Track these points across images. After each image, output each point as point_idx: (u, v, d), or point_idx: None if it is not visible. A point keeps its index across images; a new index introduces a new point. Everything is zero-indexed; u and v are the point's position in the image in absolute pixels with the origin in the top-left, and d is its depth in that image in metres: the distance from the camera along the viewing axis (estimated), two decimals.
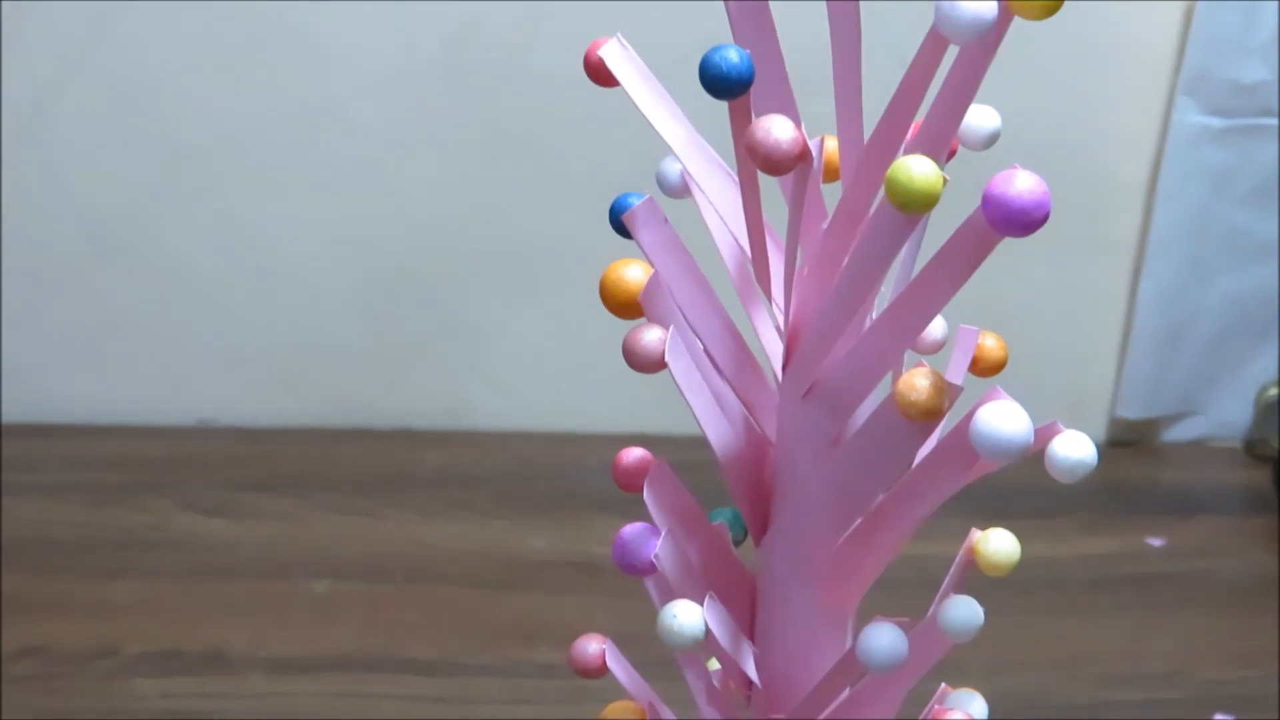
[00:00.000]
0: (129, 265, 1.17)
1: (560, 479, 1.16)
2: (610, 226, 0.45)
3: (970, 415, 0.40)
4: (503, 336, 1.19)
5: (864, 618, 0.48)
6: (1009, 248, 0.42)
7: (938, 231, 0.42)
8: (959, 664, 0.51)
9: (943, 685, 0.50)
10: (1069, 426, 0.43)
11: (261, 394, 1.21)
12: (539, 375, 1.21)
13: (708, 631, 0.44)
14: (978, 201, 0.38)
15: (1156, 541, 1.10)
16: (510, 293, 1.17)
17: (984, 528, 0.48)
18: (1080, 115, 1.10)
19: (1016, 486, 1.10)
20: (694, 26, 1.04)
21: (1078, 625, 1.02)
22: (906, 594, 0.70)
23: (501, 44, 1.09)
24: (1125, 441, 1.22)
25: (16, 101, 1.11)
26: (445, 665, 0.98)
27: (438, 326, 1.19)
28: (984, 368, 0.50)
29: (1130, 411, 1.19)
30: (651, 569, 0.45)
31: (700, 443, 0.47)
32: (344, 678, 0.97)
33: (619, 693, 0.52)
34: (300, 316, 1.19)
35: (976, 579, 0.46)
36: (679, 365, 0.43)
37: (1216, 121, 1.08)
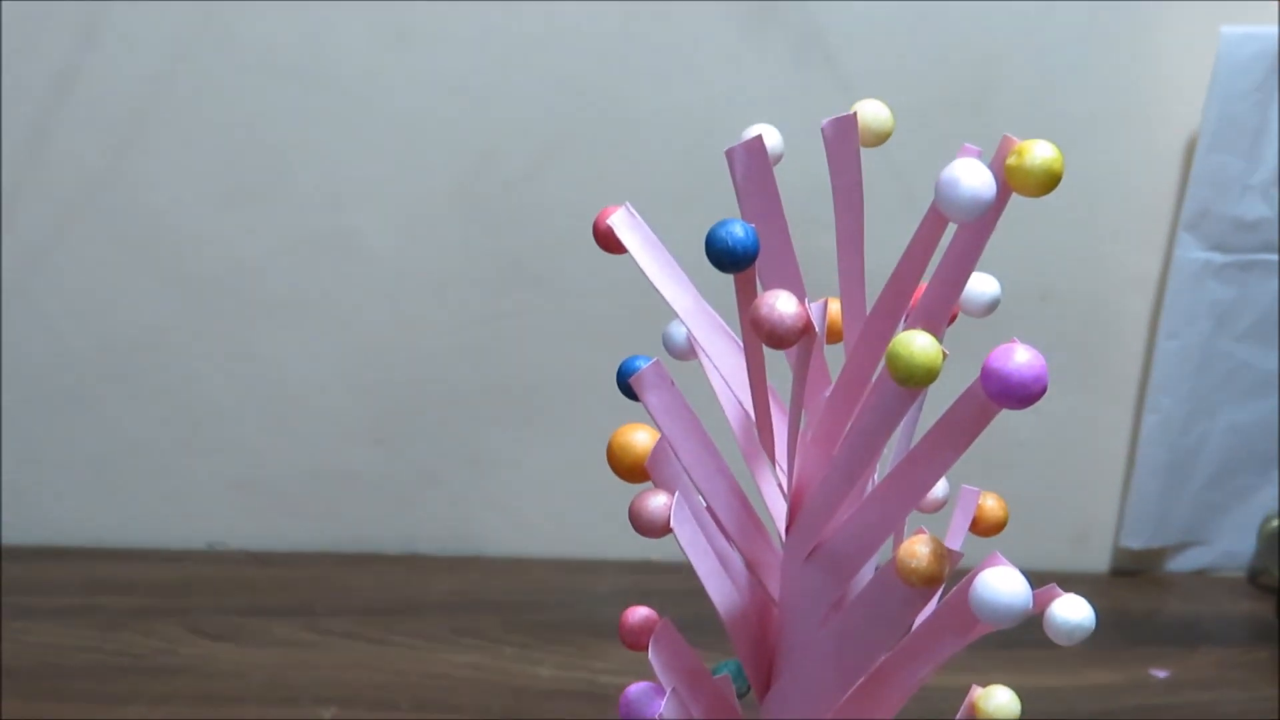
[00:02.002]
0: (140, 391, 1.18)
1: (569, 606, 1.16)
2: (618, 389, 0.46)
3: (970, 580, 0.41)
4: (512, 464, 1.20)
5: None
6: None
7: (940, 384, 0.43)
8: None
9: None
10: (1074, 556, 0.44)
11: (271, 519, 1.22)
12: (548, 502, 1.22)
13: None
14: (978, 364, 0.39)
15: (1161, 673, 1.10)
16: (520, 422, 1.18)
17: (990, 657, 0.48)
18: (1083, 252, 1.12)
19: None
20: (701, 171, 1.07)
21: None
22: None
23: (516, 178, 1.10)
24: (1130, 571, 1.22)
25: (32, 228, 1.13)
26: None
27: (447, 454, 1.20)
28: (985, 528, 0.51)
29: (1135, 542, 1.19)
30: None
31: None
32: None
33: None
34: (310, 443, 1.20)
35: None
36: (684, 531, 0.44)
37: (1218, 257, 1.09)
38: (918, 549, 0.41)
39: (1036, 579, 1.20)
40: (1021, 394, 0.39)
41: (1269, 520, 1.19)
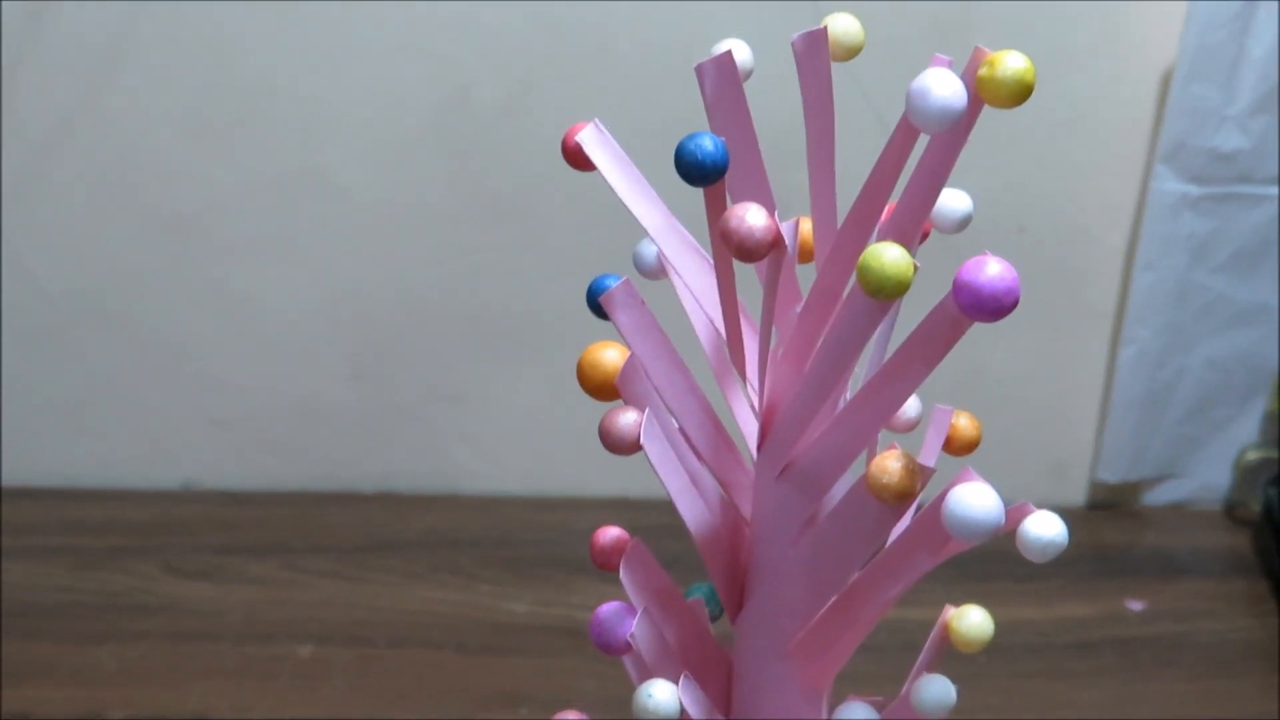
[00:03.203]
0: (114, 330, 1.17)
1: (545, 543, 1.16)
2: (588, 308, 0.46)
3: (942, 497, 0.41)
4: (488, 401, 1.20)
5: (843, 685, 0.49)
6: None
7: (913, 308, 0.43)
8: None
9: None
10: (1050, 490, 0.44)
11: (247, 457, 1.22)
12: (524, 439, 1.21)
13: (682, 710, 0.45)
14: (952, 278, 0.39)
15: (1137, 605, 1.10)
16: (497, 359, 1.18)
17: (966, 591, 0.48)
18: (1059, 184, 1.11)
19: (998, 550, 1.10)
20: (678, 100, 1.06)
21: (1059, 689, 1.03)
22: (888, 659, 0.71)
23: (490, 111, 1.09)
24: (1106, 505, 1.22)
25: (4, 169, 1.12)
26: None
27: (423, 391, 1.19)
28: (958, 447, 0.51)
29: (1111, 475, 1.19)
30: (627, 648, 0.45)
31: None
32: None
33: None
34: (286, 381, 1.19)
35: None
36: (654, 448, 0.44)
37: (1195, 189, 1.09)
38: (889, 464, 0.41)
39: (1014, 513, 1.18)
40: (993, 306, 0.38)
41: (1245, 453, 1.19)
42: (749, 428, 0.47)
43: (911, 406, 0.51)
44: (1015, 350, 1.16)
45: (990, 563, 1.02)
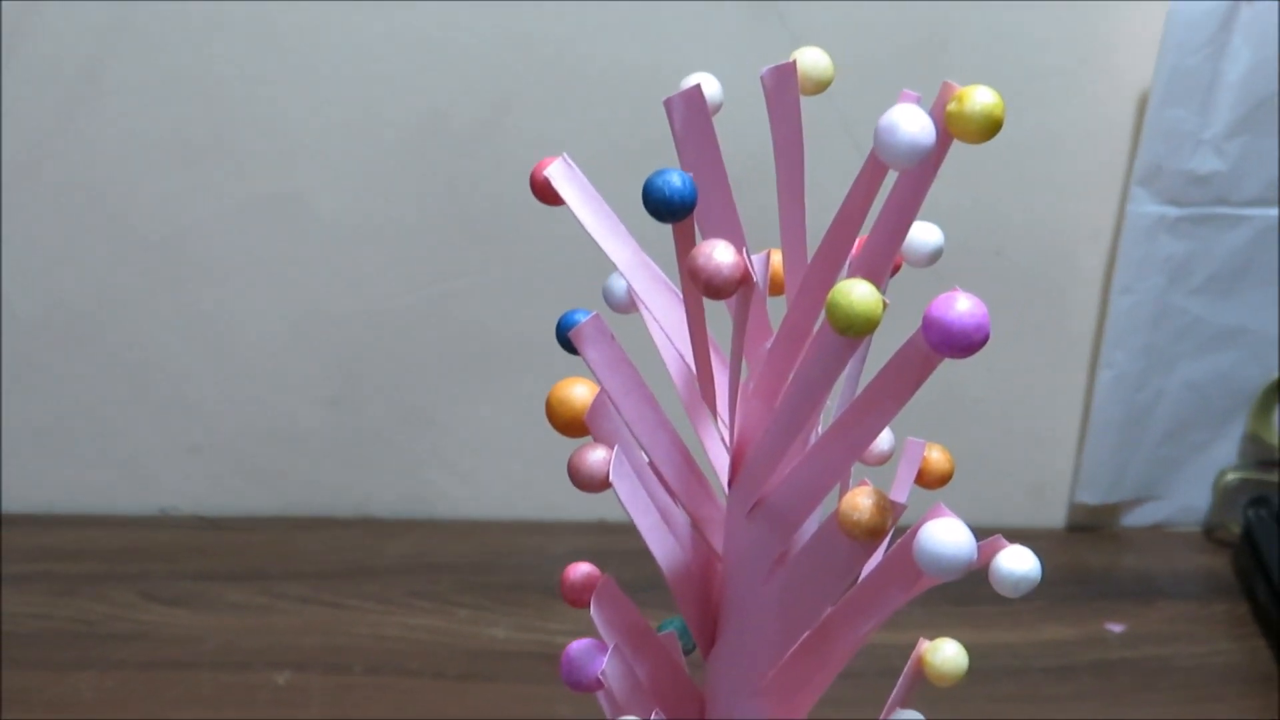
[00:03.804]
0: (89, 355, 1.17)
1: (523, 568, 1.16)
2: (558, 342, 0.46)
3: (914, 532, 0.41)
4: (465, 425, 1.19)
5: (820, 709, 0.49)
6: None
7: (887, 339, 0.42)
8: None
9: None
10: (1030, 512, 0.44)
11: (223, 483, 1.21)
12: (501, 463, 1.21)
13: None
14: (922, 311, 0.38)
15: (1116, 627, 1.10)
16: (472, 382, 1.18)
17: (945, 613, 0.48)
18: (1036, 207, 1.11)
19: (977, 572, 1.11)
20: (651, 123, 1.06)
21: (1040, 712, 1.02)
22: (865, 683, 0.70)
23: (465, 134, 1.09)
24: (1086, 527, 1.22)
25: None
26: None
27: (400, 415, 1.19)
28: (930, 480, 0.51)
29: (1090, 497, 1.19)
30: (599, 685, 0.45)
31: None
32: None
33: None
34: (262, 406, 1.19)
35: None
36: (624, 486, 0.43)
37: (1172, 211, 1.09)
38: (860, 501, 0.41)
39: (991, 535, 1.20)
40: (963, 343, 0.38)
41: (1224, 474, 1.19)
42: (720, 464, 0.47)
43: (884, 440, 0.51)
44: (994, 372, 1.16)
45: (969, 585, 1.02)
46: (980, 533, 0.46)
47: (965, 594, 0.98)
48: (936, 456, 0.50)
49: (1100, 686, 1.05)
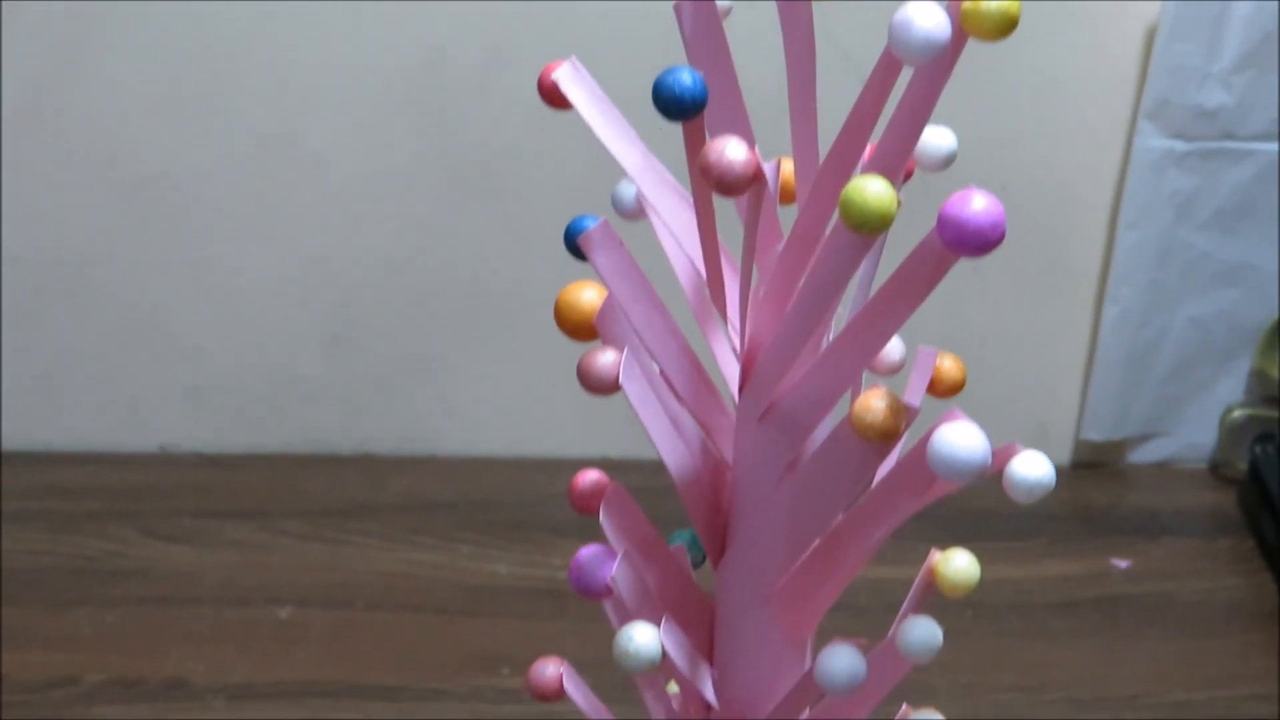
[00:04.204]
0: (90, 297, 1.16)
1: (523, 505, 1.15)
2: (566, 249, 0.45)
3: (927, 437, 0.40)
4: (465, 365, 1.19)
5: (824, 641, 0.48)
6: (974, 275, 0.42)
7: (896, 255, 0.42)
8: (925, 687, 0.51)
9: (904, 706, 0.50)
10: (1034, 449, 0.43)
11: (223, 422, 1.21)
12: (501, 403, 1.20)
13: (664, 654, 0.44)
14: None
15: (1122, 563, 1.10)
16: (472, 322, 1.17)
17: (953, 546, 0.48)
18: (1042, 143, 1.10)
19: (982, 509, 1.11)
20: (654, 61, 1.05)
21: (1044, 648, 1.02)
22: (870, 619, 0.69)
23: (464, 75, 1.08)
24: (1091, 464, 1.21)
25: None
26: (408, 691, 0.98)
27: (399, 355, 1.18)
28: (942, 389, 0.50)
29: (1096, 434, 1.19)
30: (608, 592, 0.44)
31: (664, 467, 0.47)
32: (306, 704, 0.97)
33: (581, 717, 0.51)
34: (262, 345, 1.18)
35: (942, 602, 0.46)
36: (634, 388, 0.43)
37: (1179, 145, 1.08)
38: (874, 403, 0.40)
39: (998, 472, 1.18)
40: (978, 241, 0.38)
41: (1230, 411, 1.18)
42: (730, 370, 0.46)
43: (895, 350, 0.50)
44: (999, 310, 1.16)
45: (974, 521, 1.02)
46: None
47: (970, 530, 0.97)
48: (949, 365, 0.50)
49: (1105, 621, 1.05)
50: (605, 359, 0.43)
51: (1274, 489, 1.10)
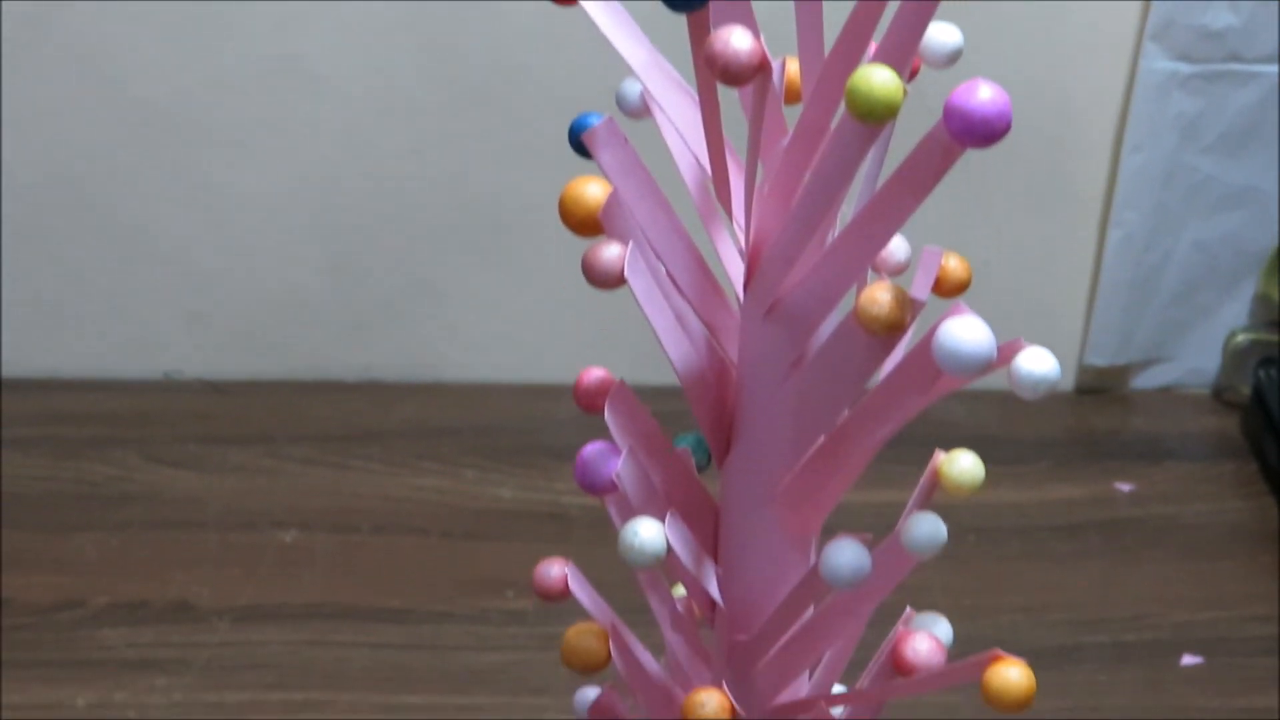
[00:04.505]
0: (92, 222, 1.16)
1: (528, 431, 1.15)
2: (571, 148, 0.45)
3: (933, 331, 0.40)
4: (470, 291, 1.18)
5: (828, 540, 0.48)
6: (978, 199, 0.42)
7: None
8: (928, 607, 0.51)
9: (908, 609, 0.50)
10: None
11: (227, 348, 1.20)
12: (506, 329, 1.20)
13: (669, 549, 0.44)
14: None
15: (1125, 487, 1.10)
16: (476, 247, 1.17)
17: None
18: (1047, 65, 1.10)
19: (985, 434, 1.11)
20: None
21: (1046, 570, 1.03)
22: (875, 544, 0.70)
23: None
24: (1094, 389, 1.21)
25: None
26: (413, 614, 0.99)
27: (405, 281, 1.18)
28: (948, 289, 0.50)
29: (1099, 359, 1.19)
30: (612, 488, 0.44)
31: (669, 394, 0.47)
32: (312, 626, 0.97)
33: None
34: (266, 271, 1.18)
35: (947, 522, 0.46)
36: (639, 282, 0.43)
37: (1184, 67, 1.08)
38: (879, 295, 0.40)
39: (1000, 398, 1.20)
40: (984, 132, 0.37)
41: (1234, 336, 1.18)
42: (735, 269, 0.46)
43: (900, 250, 0.50)
44: (1003, 234, 1.15)
45: (977, 446, 1.02)
46: (991, 396, 0.45)
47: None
48: (954, 264, 0.50)
49: (1108, 544, 1.05)
50: (610, 251, 0.42)
51: (1277, 412, 1.10)
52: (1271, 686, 0.95)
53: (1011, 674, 0.44)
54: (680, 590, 0.52)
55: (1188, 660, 0.96)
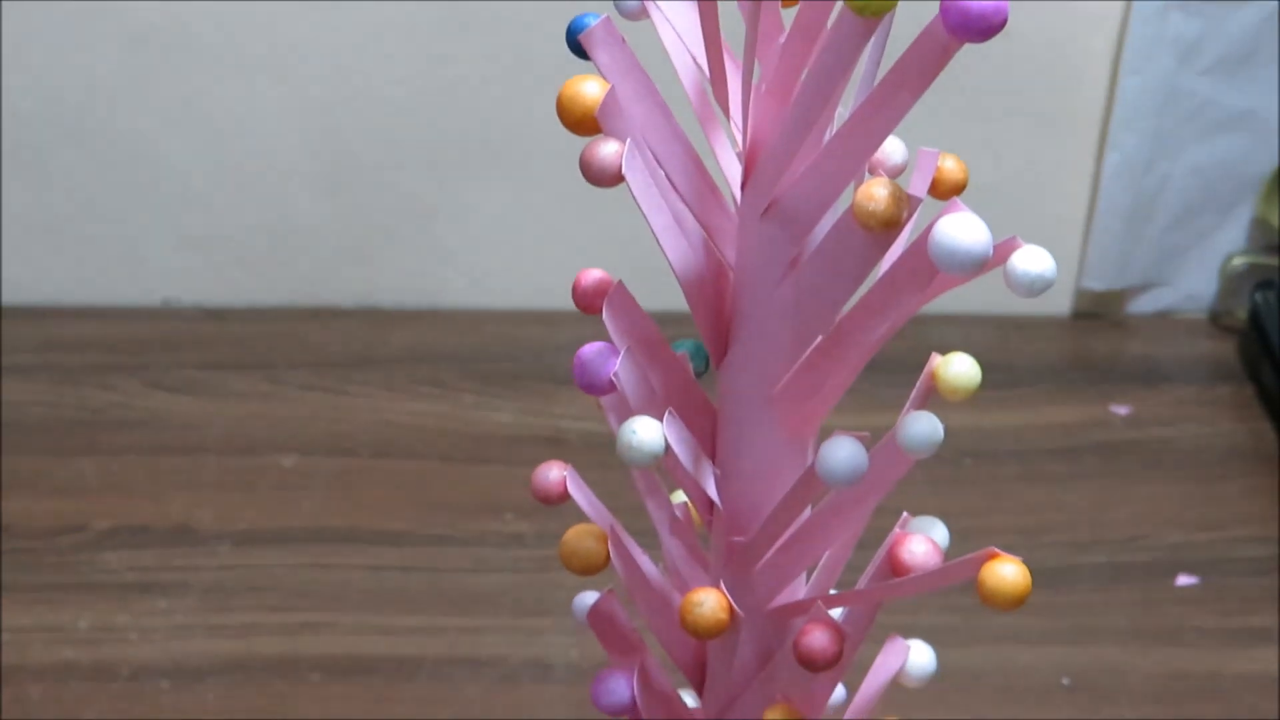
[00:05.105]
0: (89, 147, 1.16)
1: (527, 356, 1.16)
2: (568, 48, 0.45)
3: (929, 228, 0.40)
4: (469, 215, 1.18)
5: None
6: (975, 122, 0.43)
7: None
8: None
9: (905, 513, 0.50)
10: (1035, 299, 0.43)
11: (226, 274, 1.20)
12: (505, 254, 1.20)
13: (667, 448, 0.44)
14: None
15: (1121, 410, 1.10)
16: (477, 171, 1.16)
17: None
18: None
19: (981, 358, 1.10)
20: None
21: (1043, 493, 1.03)
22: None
23: None
24: (1091, 314, 1.21)
25: None
26: (412, 536, 0.99)
27: (403, 206, 1.18)
28: (944, 190, 0.50)
29: (1096, 283, 1.19)
30: (611, 387, 0.44)
31: (668, 320, 0.47)
32: (312, 549, 0.98)
33: None
34: (264, 197, 1.18)
35: (941, 451, 0.46)
36: (637, 179, 0.43)
37: None
38: (875, 191, 0.40)
39: (997, 322, 1.20)
40: (981, 25, 0.37)
41: (1231, 259, 1.18)
42: (732, 171, 0.46)
43: (897, 152, 0.50)
44: (1000, 158, 1.15)
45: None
46: (987, 320, 0.46)
47: None
48: (951, 166, 0.50)
49: (1104, 467, 1.06)
50: (608, 148, 0.42)
51: (1274, 335, 1.11)
52: (1267, 606, 0.95)
53: (1007, 570, 0.45)
54: (678, 497, 0.52)
55: (1183, 580, 0.97)
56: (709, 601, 0.46)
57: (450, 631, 0.93)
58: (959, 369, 0.48)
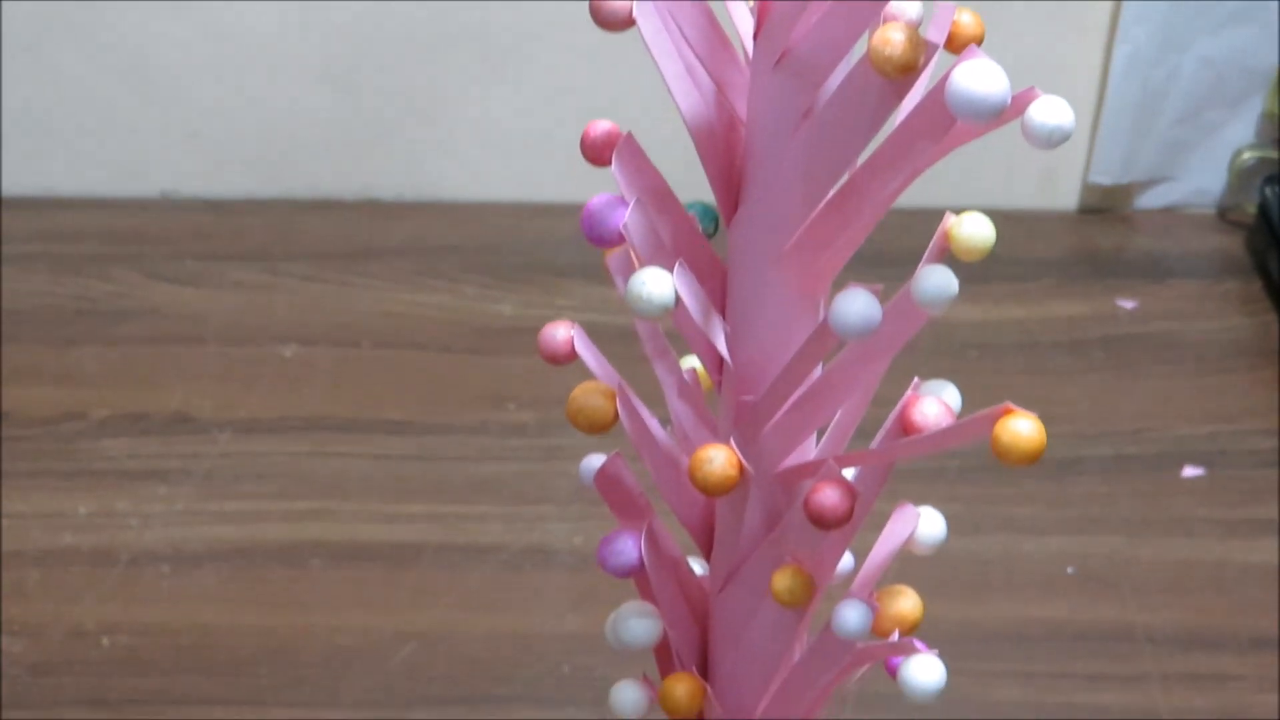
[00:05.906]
0: (87, 40, 1.14)
1: (528, 249, 1.15)
2: None
3: (946, 76, 0.39)
4: (469, 108, 1.17)
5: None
6: (984, 16, 0.42)
7: None
8: None
9: (915, 378, 0.49)
10: (1042, 195, 0.42)
11: (224, 167, 1.19)
12: (506, 147, 1.19)
13: (678, 300, 0.43)
14: None
15: (1128, 304, 1.09)
16: (475, 65, 1.15)
17: (958, 289, 0.47)
18: None
19: (990, 253, 1.10)
20: None
21: (1049, 384, 1.03)
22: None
23: None
24: (1098, 209, 1.20)
25: None
26: (414, 425, 0.99)
27: (402, 100, 1.17)
28: (960, 45, 0.49)
29: (1104, 178, 1.18)
30: (619, 239, 0.44)
31: None
32: (313, 437, 0.98)
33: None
34: (263, 90, 1.17)
35: (947, 344, 0.45)
36: (648, 24, 0.42)
37: None
38: (892, 35, 0.39)
39: (1005, 217, 1.20)
40: None
41: (1241, 154, 1.17)
42: (745, 27, 0.45)
43: (911, 7, 0.49)
44: (1009, 50, 1.13)
45: (981, 264, 1.01)
46: (994, 214, 0.45)
47: (975, 273, 0.96)
48: (967, 20, 0.49)
49: (1110, 359, 1.05)
50: None
51: None
52: (1271, 498, 0.95)
53: (1022, 426, 0.44)
54: (687, 361, 0.51)
55: (1189, 472, 0.96)
56: (719, 458, 0.45)
57: (451, 519, 0.92)
58: (972, 228, 0.47)
